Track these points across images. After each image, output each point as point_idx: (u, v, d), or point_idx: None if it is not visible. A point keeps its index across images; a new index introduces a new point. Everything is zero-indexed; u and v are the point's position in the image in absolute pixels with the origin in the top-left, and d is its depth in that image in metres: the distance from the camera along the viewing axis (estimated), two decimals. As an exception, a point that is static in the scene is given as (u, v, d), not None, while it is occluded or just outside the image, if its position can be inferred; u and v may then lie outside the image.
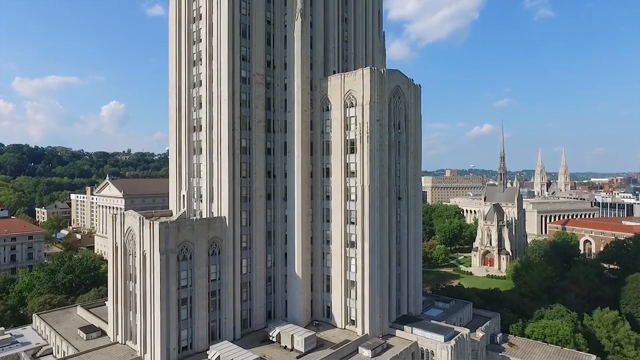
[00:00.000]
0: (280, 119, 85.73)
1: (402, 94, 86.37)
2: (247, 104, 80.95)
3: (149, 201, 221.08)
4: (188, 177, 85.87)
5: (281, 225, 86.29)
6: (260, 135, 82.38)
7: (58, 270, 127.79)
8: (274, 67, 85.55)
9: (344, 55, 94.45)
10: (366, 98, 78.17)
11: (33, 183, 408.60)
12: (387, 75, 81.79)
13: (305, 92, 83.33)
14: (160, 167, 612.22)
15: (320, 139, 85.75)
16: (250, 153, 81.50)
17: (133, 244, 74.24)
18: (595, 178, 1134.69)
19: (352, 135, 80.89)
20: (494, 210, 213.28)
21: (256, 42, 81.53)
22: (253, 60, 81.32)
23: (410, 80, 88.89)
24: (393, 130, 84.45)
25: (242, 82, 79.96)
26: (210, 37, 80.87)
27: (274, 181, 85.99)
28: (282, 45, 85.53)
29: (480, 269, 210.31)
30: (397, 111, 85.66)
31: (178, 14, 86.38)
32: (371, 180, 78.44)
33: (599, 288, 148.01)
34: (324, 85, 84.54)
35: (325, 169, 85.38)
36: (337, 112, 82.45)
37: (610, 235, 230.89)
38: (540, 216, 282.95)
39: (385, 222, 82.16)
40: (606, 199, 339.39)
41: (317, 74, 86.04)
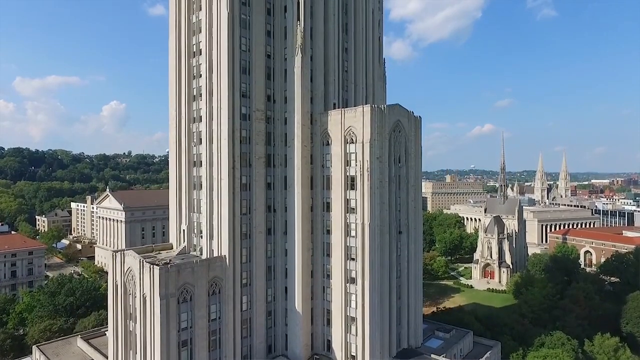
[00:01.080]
0: (281, 153, 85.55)
1: (402, 128, 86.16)
2: (247, 141, 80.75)
3: (150, 213, 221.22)
4: (188, 212, 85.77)
5: (281, 259, 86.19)
6: (260, 171, 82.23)
7: (58, 293, 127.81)
8: (274, 101, 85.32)
9: (344, 85, 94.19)
10: (366, 136, 77.94)
11: (34, 189, 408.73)
12: (388, 111, 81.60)
13: (305, 127, 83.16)
14: (160, 169, 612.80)
15: (321, 173, 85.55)
16: (251, 189, 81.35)
17: (133, 284, 74.15)
18: (596, 179, 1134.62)
19: (353, 172, 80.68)
20: (495, 223, 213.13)
21: (256, 78, 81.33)
22: (253, 97, 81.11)
23: (411, 113, 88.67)
24: (393, 165, 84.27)
25: (242, 119, 79.74)
26: (210, 73, 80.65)
27: (274, 215, 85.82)
28: (282, 79, 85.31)
29: (481, 281, 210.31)
30: (398, 145, 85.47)
31: (178, 47, 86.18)
32: (371, 218, 78.26)
33: (600, 306, 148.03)
34: (324, 120, 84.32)
35: (325, 203, 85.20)
36: (337, 147, 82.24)
37: (611, 247, 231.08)
38: (540, 225, 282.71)
39: (385, 258, 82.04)
40: (607, 206, 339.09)
41: (318, 107, 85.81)
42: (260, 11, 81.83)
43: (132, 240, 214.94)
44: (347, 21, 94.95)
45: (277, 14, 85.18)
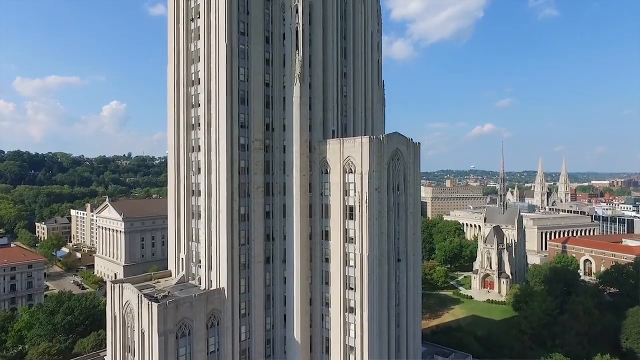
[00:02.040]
0: (279, 182, 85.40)
1: (401, 156, 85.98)
2: (246, 171, 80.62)
3: (149, 223, 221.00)
4: (187, 241, 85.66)
5: (280, 287, 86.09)
6: (259, 201, 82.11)
7: (57, 311, 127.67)
8: (273, 129, 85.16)
9: (343, 110, 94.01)
10: (365, 167, 77.78)
11: (33, 194, 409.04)
12: (386, 140, 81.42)
13: (304, 156, 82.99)
14: (160, 172, 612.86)
15: (320, 201, 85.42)
16: (249, 219, 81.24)
17: (132, 318, 74.07)
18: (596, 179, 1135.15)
19: (351, 202, 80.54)
20: (494, 233, 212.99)
21: (255, 107, 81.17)
22: (252, 126, 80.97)
23: (409, 140, 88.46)
24: (392, 193, 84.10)
25: (240, 150, 79.61)
26: (208, 103, 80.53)
27: (273, 244, 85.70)
28: (281, 106, 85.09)
29: (481, 291, 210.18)
30: (396, 174, 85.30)
31: (177, 75, 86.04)
32: (370, 249, 78.15)
33: (599, 321, 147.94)
34: (323, 148, 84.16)
35: (324, 231, 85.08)
36: (336, 177, 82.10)
37: (611, 256, 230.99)
38: (540, 233, 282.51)
39: (384, 288, 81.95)
40: (607, 211, 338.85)
41: (316, 135, 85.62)
42: (258, 40, 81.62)
43: (132, 251, 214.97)
44: (345, 46, 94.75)
45: (275, 42, 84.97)
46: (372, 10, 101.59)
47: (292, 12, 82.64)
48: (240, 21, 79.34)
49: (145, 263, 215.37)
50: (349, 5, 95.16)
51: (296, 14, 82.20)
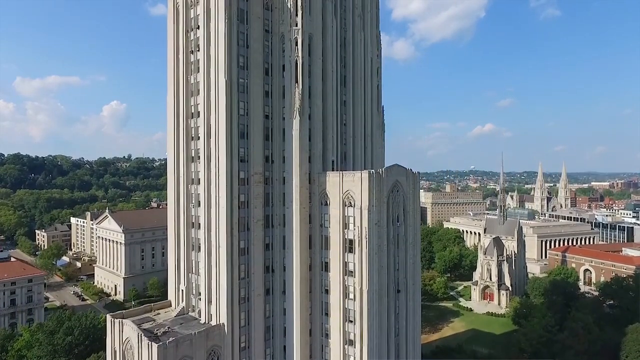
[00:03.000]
0: (279, 214, 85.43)
1: (400, 187, 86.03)
2: (245, 205, 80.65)
3: (149, 234, 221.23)
4: (187, 272, 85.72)
5: (280, 319, 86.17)
6: (258, 234, 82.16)
7: (57, 331, 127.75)
8: (272, 161, 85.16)
9: (343, 139, 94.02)
10: (364, 202, 77.80)
11: (34, 199, 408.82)
12: (386, 173, 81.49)
13: (303, 189, 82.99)
14: (160, 175, 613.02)
15: (319, 233, 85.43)
16: (249, 253, 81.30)
17: (132, 354, 74.14)
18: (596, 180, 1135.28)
19: (351, 235, 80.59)
20: (494, 245, 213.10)
21: (254, 141, 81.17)
22: (251, 160, 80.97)
23: (409, 171, 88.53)
24: (392, 226, 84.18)
25: (240, 184, 79.62)
26: (208, 137, 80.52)
27: (273, 275, 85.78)
28: (281, 138, 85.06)
29: (480, 303, 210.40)
30: (396, 205, 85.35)
31: (177, 107, 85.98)
32: (370, 284, 78.22)
33: (599, 338, 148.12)
34: (323, 180, 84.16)
35: (324, 263, 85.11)
36: (336, 210, 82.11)
37: (611, 266, 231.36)
38: (540, 241, 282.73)
39: (384, 321, 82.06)
40: (607, 218, 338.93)
41: (316, 166, 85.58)
42: (258, 74, 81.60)
43: (132, 263, 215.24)
44: (345, 74, 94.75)
45: (275, 74, 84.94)
46: (372, 36, 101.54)
47: (291, 45, 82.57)
48: (240, 55, 79.27)
49: (145, 274, 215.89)
50: (349, 33, 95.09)
51: (295, 47, 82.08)
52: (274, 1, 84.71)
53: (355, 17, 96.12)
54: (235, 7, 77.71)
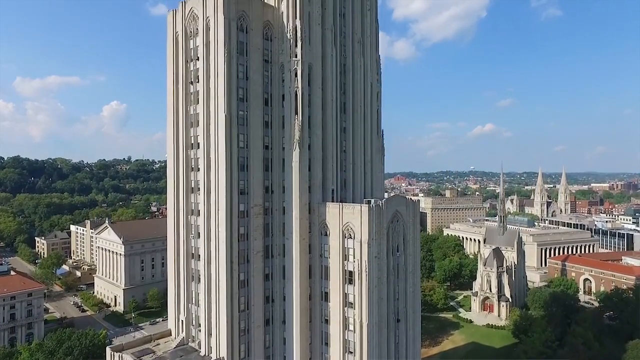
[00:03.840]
0: (279, 244, 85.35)
1: (400, 217, 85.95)
2: (245, 237, 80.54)
3: (149, 245, 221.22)
4: (186, 303, 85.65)
5: (280, 349, 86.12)
6: (258, 266, 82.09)
7: (57, 351, 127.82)
8: (272, 191, 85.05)
9: (343, 166, 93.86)
10: (364, 235, 77.73)
11: (33, 204, 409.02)
12: (386, 205, 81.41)
13: (303, 220, 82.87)
14: (159, 177, 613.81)
15: (319, 263, 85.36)
16: (249, 285, 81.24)
17: (131, 389, 74.11)
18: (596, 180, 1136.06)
19: (351, 267, 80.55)
20: (494, 256, 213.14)
21: (254, 173, 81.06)
22: (251, 192, 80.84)
23: (409, 200, 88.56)
24: (392, 256, 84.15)
25: (240, 217, 79.46)
26: (208, 169, 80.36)
27: (273, 305, 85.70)
28: (280, 168, 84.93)
29: (480, 314, 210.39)
30: (396, 235, 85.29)
31: (176, 137, 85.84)
32: (370, 316, 78.20)
33: (600, 353, 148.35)
34: (323, 211, 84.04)
35: (324, 293, 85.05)
36: (335, 241, 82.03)
37: (611, 276, 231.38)
38: (540, 249, 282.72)
39: (384, 351, 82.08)
40: (606, 224, 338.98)
41: (316, 196, 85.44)
42: (257, 105, 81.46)
43: (132, 274, 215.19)
44: (345, 101, 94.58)
45: (274, 104, 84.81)
46: (372, 61, 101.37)
47: (291, 76, 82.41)
48: (240, 87, 79.15)
49: (145, 285, 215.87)
50: (349, 60, 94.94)
51: (295, 78, 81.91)
52: (274, 31, 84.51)
53: (355, 43, 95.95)
54: (234, 40, 77.53)
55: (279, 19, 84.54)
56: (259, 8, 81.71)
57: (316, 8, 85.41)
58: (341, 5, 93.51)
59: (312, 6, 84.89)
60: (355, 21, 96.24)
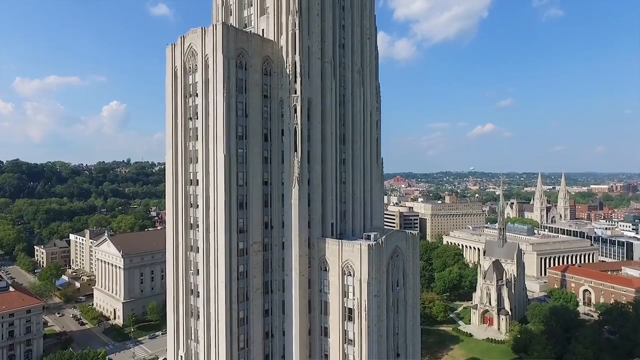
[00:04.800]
0: (278, 279, 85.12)
1: (400, 252, 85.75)
2: (244, 275, 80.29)
3: (148, 258, 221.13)
4: (186, 339, 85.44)
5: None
6: (258, 303, 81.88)
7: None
8: (272, 227, 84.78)
9: (342, 197, 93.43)
10: (364, 274, 77.55)
11: (33, 210, 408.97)
12: (386, 242, 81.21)
13: (303, 257, 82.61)
14: (159, 181, 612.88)
15: (319, 298, 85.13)
16: (248, 322, 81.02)
17: None
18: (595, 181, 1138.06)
19: (350, 304, 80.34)
20: (494, 269, 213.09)
21: (254, 211, 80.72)
22: (250, 230, 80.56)
23: (409, 235, 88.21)
24: (391, 292, 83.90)
25: (239, 255, 79.20)
26: (207, 208, 80.00)
27: (272, 341, 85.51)
28: (280, 204, 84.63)
29: (480, 327, 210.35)
30: (395, 271, 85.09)
31: (175, 173, 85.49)
32: (370, 355, 78.01)
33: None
34: (322, 246, 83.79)
35: (323, 328, 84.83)
36: (335, 278, 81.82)
37: (610, 288, 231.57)
38: (539, 258, 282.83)
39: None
40: (606, 231, 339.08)
41: (316, 231, 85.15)
42: (257, 142, 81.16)
43: (131, 287, 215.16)
44: (344, 132, 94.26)
45: (274, 139, 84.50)
46: (372, 89, 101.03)
47: (290, 112, 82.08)
48: (239, 125, 78.82)
49: (144, 298, 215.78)
50: (348, 90, 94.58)
51: (294, 114, 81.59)
52: (273, 66, 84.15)
53: (355, 73, 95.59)
54: (233, 79, 77.20)
55: (278, 53, 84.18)
56: (258, 44, 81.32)
57: (316, 42, 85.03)
58: (340, 37, 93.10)
59: (311, 40, 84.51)
60: (355, 51, 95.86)
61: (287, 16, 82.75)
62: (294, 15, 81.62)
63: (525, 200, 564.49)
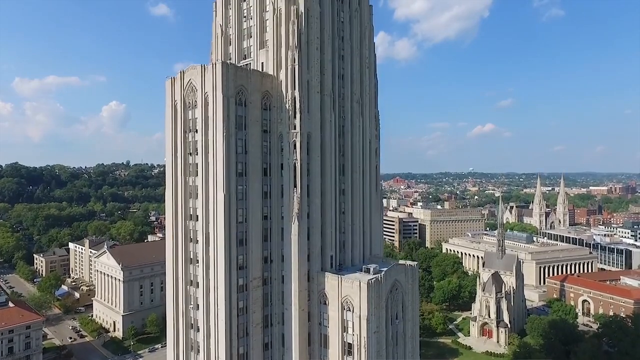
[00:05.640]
0: (278, 312, 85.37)
1: (399, 285, 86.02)
2: (244, 311, 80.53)
3: (148, 270, 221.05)
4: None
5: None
6: (257, 338, 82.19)
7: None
8: (271, 261, 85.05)
9: (342, 228, 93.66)
10: (363, 310, 77.81)
11: (32, 216, 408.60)
12: (385, 277, 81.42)
13: (302, 292, 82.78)
14: (158, 184, 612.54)
15: (318, 331, 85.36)
16: (248, 357, 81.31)
17: None
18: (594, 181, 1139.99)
19: (350, 339, 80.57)
20: (493, 282, 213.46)
21: (253, 246, 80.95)
22: (250, 266, 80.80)
23: (408, 267, 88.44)
24: (390, 325, 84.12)
25: (239, 291, 79.42)
26: (207, 245, 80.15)
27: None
28: (279, 237, 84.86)
29: (479, 340, 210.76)
30: (395, 304, 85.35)
31: (175, 208, 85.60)
32: (369, 390, 78.22)
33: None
34: (321, 280, 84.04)
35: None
36: (335, 312, 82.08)
37: (609, 299, 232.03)
38: (538, 267, 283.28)
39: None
40: (605, 239, 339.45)
41: (315, 265, 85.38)
42: (256, 178, 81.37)
43: (131, 300, 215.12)
44: (343, 163, 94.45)
45: (273, 173, 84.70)
46: (371, 117, 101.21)
47: (289, 147, 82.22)
48: (239, 162, 78.98)
49: (144, 310, 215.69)
50: (347, 121, 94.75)
51: (294, 150, 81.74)
52: (272, 100, 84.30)
53: (354, 104, 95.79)
54: (233, 117, 77.40)
55: (278, 87, 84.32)
56: (257, 80, 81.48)
57: (315, 76, 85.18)
58: (340, 67, 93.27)
59: (311, 74, 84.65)
60: (355, 81, 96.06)
61: (287, 51, 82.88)
62: (293, 51, 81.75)
63: (525, 204, 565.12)
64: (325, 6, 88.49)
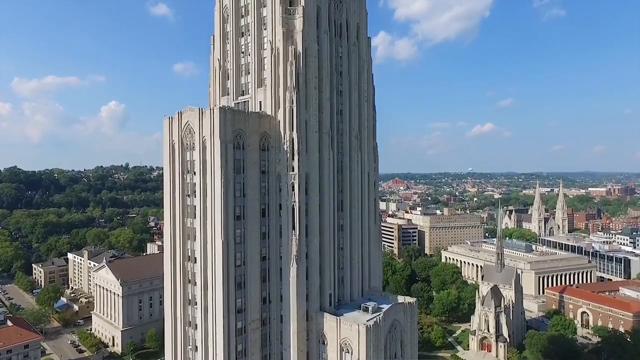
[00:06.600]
0: (277, 352, 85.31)
1: (398, 324, 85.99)
2: (243, 354, 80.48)
3: (147, 284, 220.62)
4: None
5: None
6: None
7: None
8: (270, 301, 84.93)
9: (341, 263, 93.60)
10: (362, 354, 77.84)
11: (30, 223, 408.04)
12: (383, 319, 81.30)
13: (301, 333, 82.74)
14: (157, 188, 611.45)
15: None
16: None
17: None
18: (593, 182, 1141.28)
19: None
20: (492, 296, 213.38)
21: (251, 289, 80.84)
22: (249, 309, 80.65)
23: (406, 305, 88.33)
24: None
25: (237, 334, 79.36)
26: (205, 288, 79.98)
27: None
28: (278, 278, 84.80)
29: (478, 354, 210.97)
30: (394, 343, 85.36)
31: (173, 249, 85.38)
32: None
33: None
34: (320, 320, 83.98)
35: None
36: (333, 353, 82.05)
37: (608, 311, 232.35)
38: (537, 277, 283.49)
39: None
40: (604, 246, 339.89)
41: (314, 304, 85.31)
42: (254, 221, 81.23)
43: (130, 315, 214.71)
44: (342, 199, 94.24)
45: (272, 214, 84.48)
46: (369, 150, 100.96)
47: (288, 188, 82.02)
48: (237, 205, 78.75)
49: (143, 325, 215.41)
50: (346, 157, 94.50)
51: (292, 191, 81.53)
52: (270, 141, 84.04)
53: (352, 139, 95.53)
54: (231, 161, 77.12)
55: (276, 127, 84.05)
56: (255, 122, 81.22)
57: (313, 115, 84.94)
58: (338, 103, 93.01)
59: (309, 114, 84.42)
60: (353, 116, 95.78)
61: (285, 91, 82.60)
62: (291, 92, 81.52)
63: (524, 207, 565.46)
64: (323, 43, 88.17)
